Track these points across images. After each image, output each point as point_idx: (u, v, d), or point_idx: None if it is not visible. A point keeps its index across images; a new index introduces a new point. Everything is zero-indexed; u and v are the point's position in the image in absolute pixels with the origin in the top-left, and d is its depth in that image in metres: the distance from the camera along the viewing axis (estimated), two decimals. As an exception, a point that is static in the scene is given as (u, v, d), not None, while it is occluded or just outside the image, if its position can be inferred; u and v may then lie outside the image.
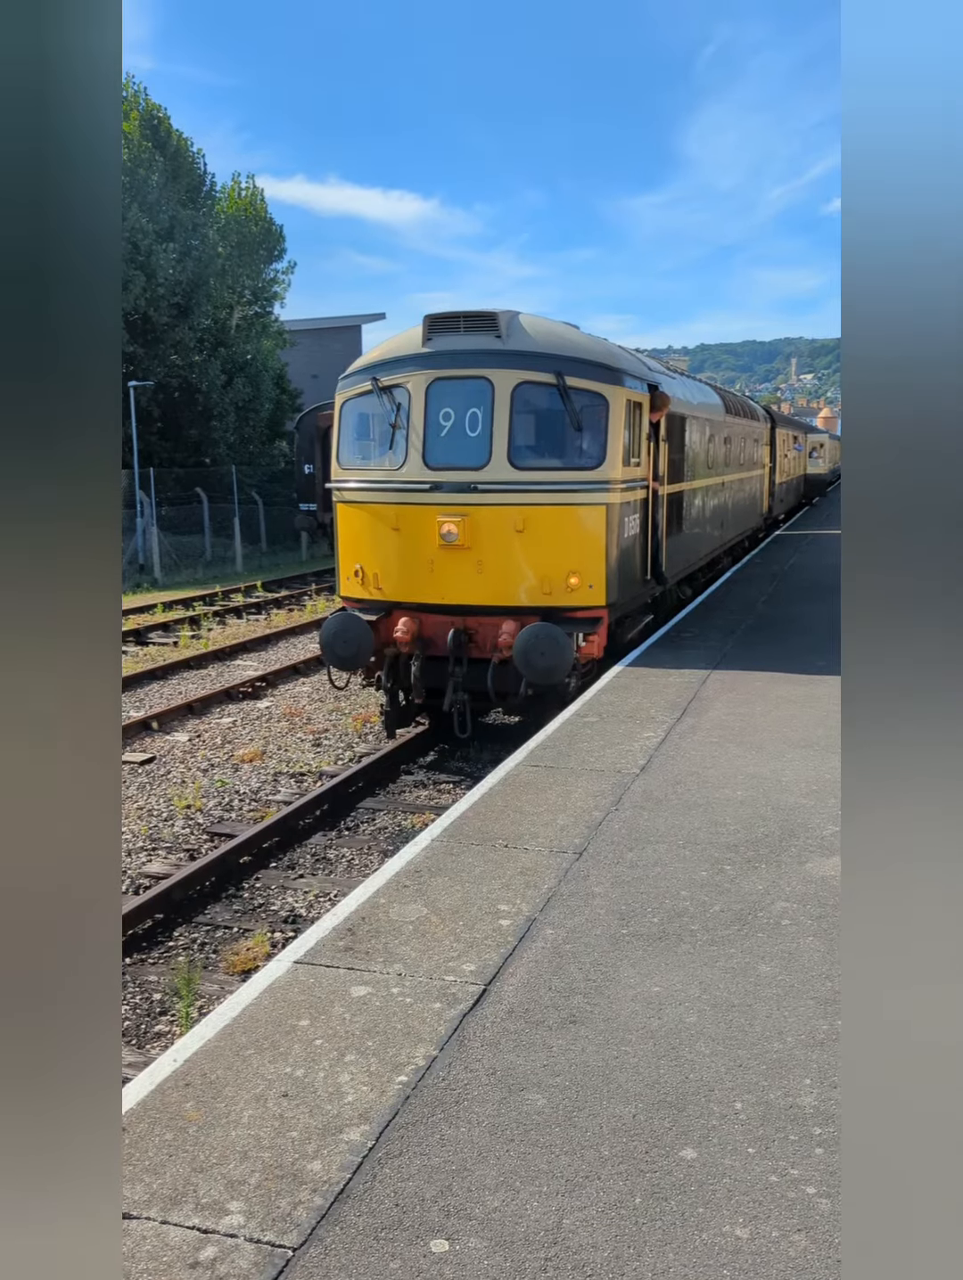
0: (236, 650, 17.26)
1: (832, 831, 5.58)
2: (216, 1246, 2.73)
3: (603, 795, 6.22)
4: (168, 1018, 6.29)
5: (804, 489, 39.50)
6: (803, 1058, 3.53)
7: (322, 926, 4.57)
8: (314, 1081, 3.43)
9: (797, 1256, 2.68)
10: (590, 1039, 3.66)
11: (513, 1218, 2.82)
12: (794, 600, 14.34)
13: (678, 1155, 3.06)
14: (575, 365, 9.95)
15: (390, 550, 10.48)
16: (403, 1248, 2.71)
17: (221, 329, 36.03)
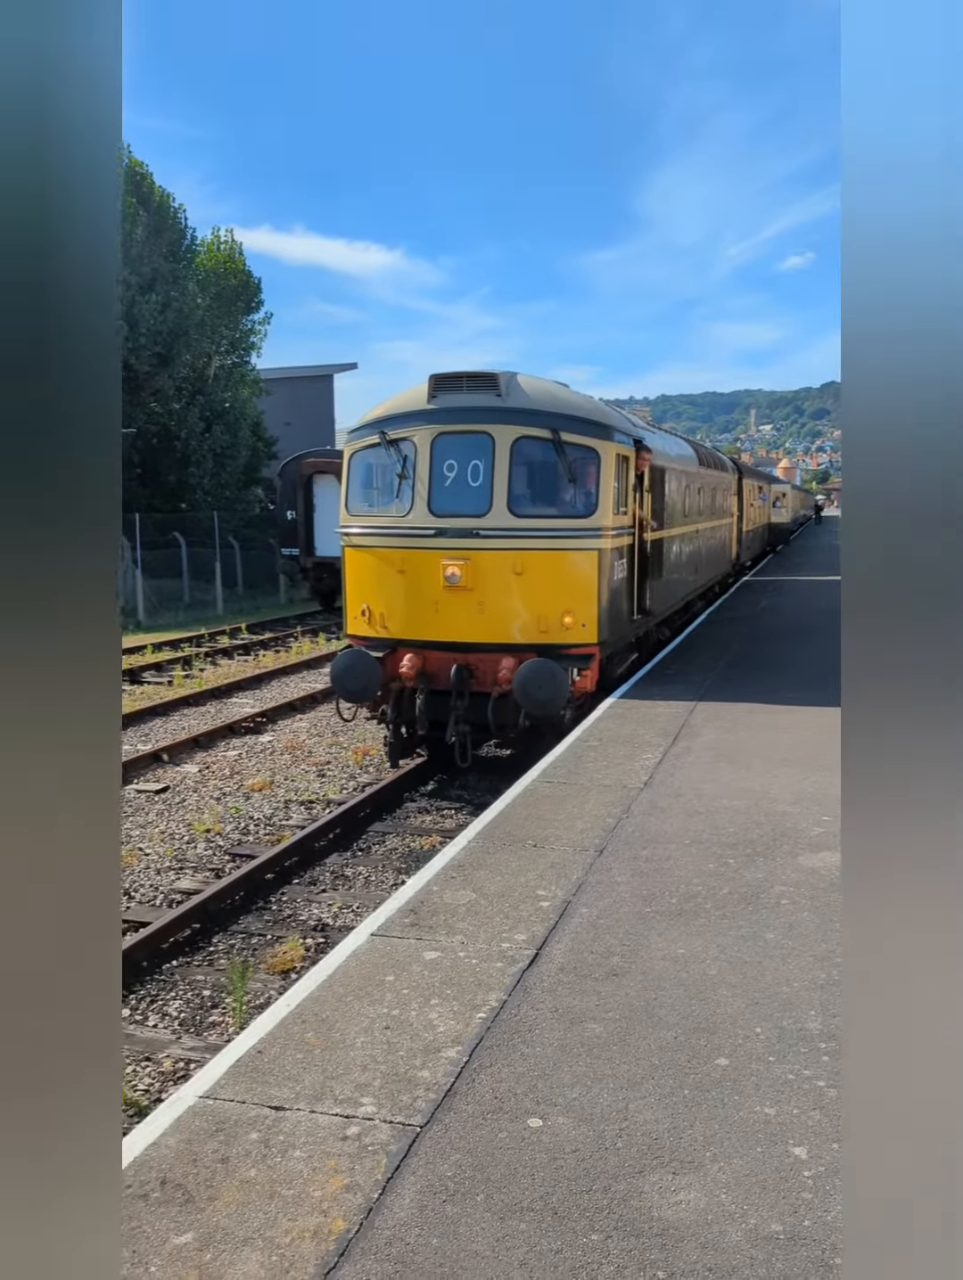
0: (232, 689, 17.91)
1: (818, 833, 6.41)
2: (359, 1126, 3.47)
3: (614, 805, 7.03)
4: (219, 1010, 6.95)
5: (769, 537, 40.84)
6: (807, 997, 4.33)
7: (387, 908, 5.31)
8: (409, 1018, 4.18)
9: (813, 1125, 3.46)
10: (632, 987, 4.44)
11: (589, 1104, 3.58)
12: (767, 641, 15.30)
13: (714, 1063, 3.85)
14: (570, 422, 10.86)
15: (396, 591, 11.26)
16: (507, 1123, 3.47)
17: (200, 378, 36.96)
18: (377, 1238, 2.98)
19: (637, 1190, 3.17)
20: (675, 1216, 3.06)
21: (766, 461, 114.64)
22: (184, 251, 38.15)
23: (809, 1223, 3.03)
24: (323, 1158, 3.34)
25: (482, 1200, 3.13)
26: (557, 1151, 3.35)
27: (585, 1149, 3.37)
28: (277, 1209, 3.11)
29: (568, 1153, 3.35)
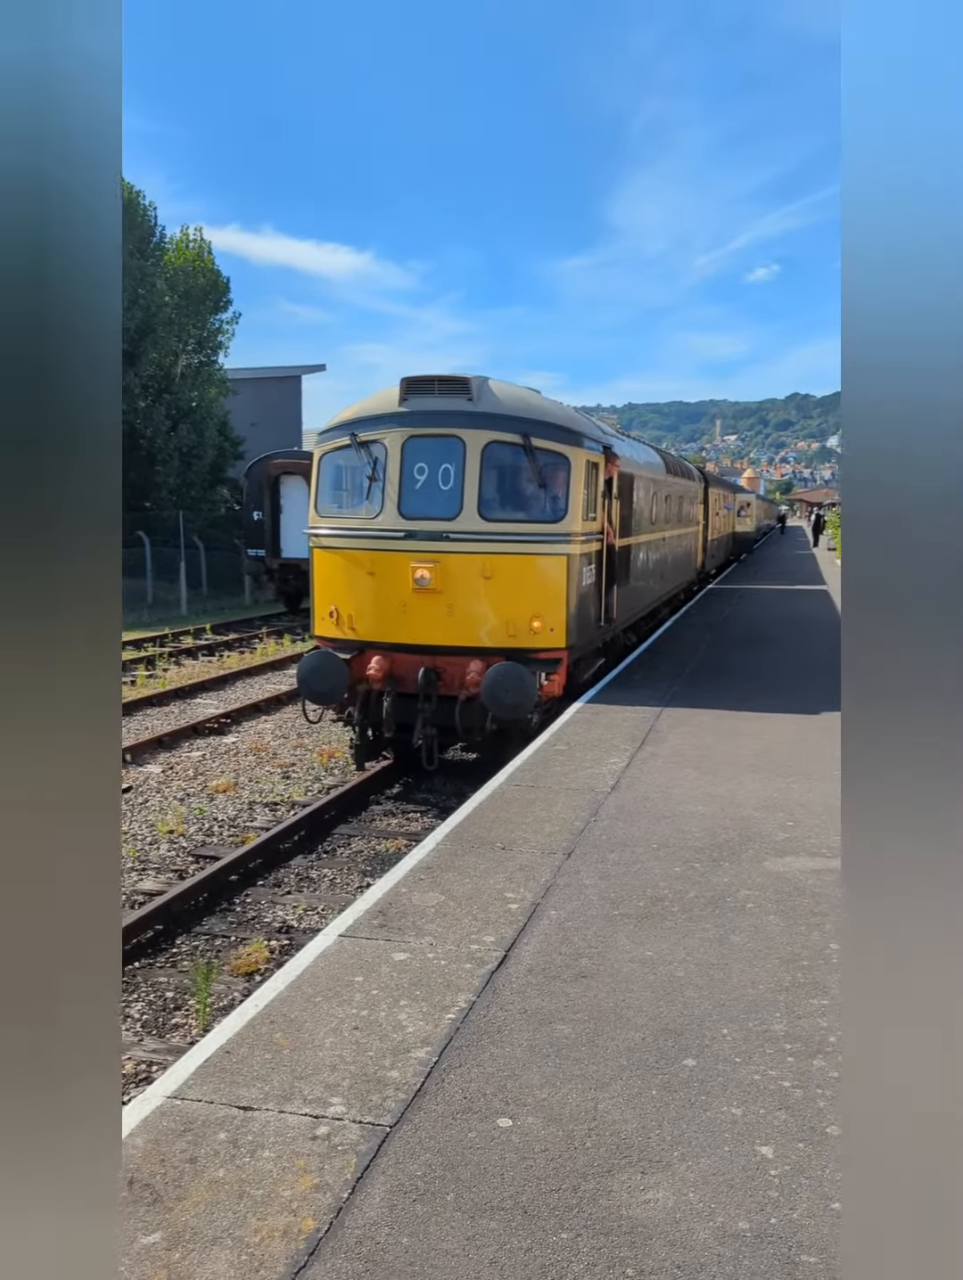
0: (196, 689, 17.79)
1: (783, 838, 6.48)
2: (328, 1126, 3.47)
3: (581, 809, 7.06)
4: (182, 1012, 6.90)
5: (733, 546, 41.15)
6: (773, 999, 4.37)
7: (356, 909, 5.30)
8: (378, 1019, 4.17)
9: (779, 1125, 3.50)
10: (600, 988, 4.46)
11: (558, 1104, 3.60)
12: (732, 648, 15.42)
13: (682, 1064, 3.87)
14: (540, 428, 10.91)
15: (365, 593, 11.25)
16: (476, 1123, 3.48)
17: (167, 376, 36.73)
18: (347, 1237, 2.98)
19: (606, 1189, 3.19)
20: (644, 1215, 3.08)
21: (730, 471, 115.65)
22: (152, 249, 37.92)
23: (776, 1220, 3.06)
24: (292, 1157, 3.33)
25: (452, 1199, 3.14)
26: (526, 1151, 3.37)
27: (555, 1149, 3.38)
28: (246, 1208, 3.10)
29: (538, 1152, 3.36)
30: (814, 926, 5.13)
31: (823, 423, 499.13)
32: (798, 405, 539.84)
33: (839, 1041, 4.03)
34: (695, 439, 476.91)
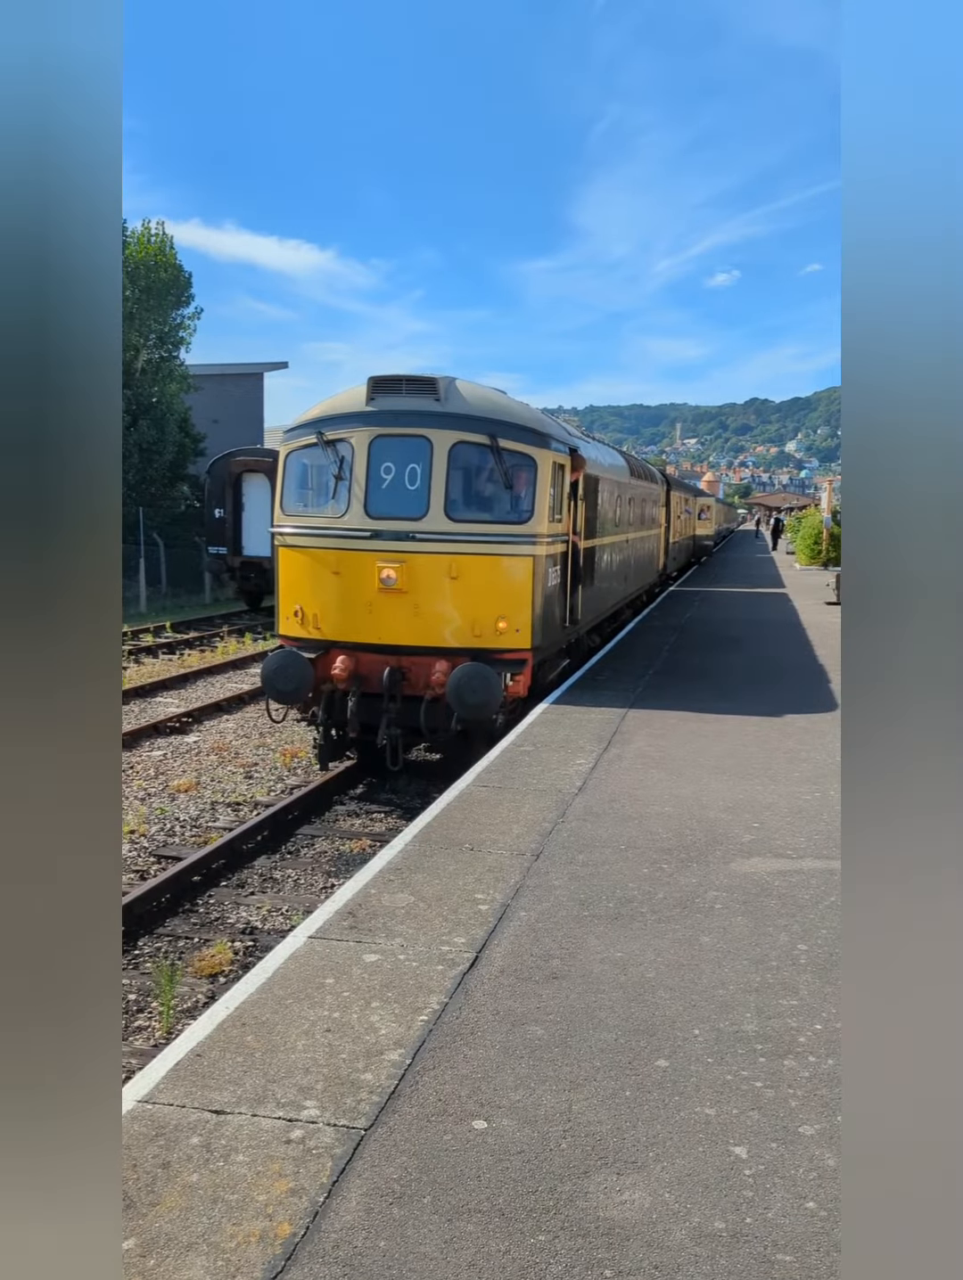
0: (156, 688, 17.61)
1: (749, 839, 6.53)
2: (303, 1129, 3.45)
3: (549, 810, 7.07)
4: (145, 1015, 6.82)
5: (694, 549, 41.43)
6: (743, 1000, 4.41)
7: (325, 910, 5.28)
8: (350, 1021, 4.15)
9: (752, 1125, 3.52)
10: (571, 989, 4.47)
11: (533, 1106, 3.60)
12: (695, 650, 15.53)
13: (654, 1064, 3.89)
14: (507, 429, 10.91)
15: (330, 592, 11.19)
16: (452, 1125, 3.47)
17: (127, 371, 36.34)
18: (324, 1241, 2.96)
19: (582, 1191, 3.20)
20: (621, 1216, 3.09)
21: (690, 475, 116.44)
22: (113, 242, 37.53)
23: (751, 1220, 3.08)
24: (267, 1161, 3.30)
25: (429, 1202, 3.13)
26: (502, 1153, 3.36)
27: (530, 1150, 3.38)
28: (221, 1214, 3.07)
29: (513, 1154, 3.36)
30: (782, 928, 5.18)
31: (782, 428, 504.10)
32: (757, 410, 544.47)
33: (840, 1042, 4.07)
34: (656, 442, 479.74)
